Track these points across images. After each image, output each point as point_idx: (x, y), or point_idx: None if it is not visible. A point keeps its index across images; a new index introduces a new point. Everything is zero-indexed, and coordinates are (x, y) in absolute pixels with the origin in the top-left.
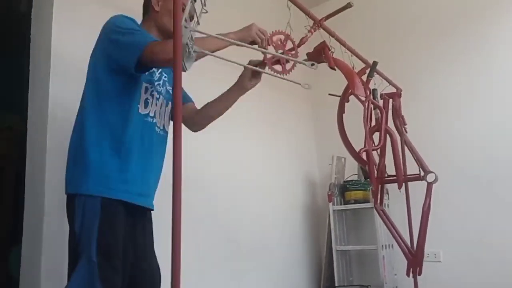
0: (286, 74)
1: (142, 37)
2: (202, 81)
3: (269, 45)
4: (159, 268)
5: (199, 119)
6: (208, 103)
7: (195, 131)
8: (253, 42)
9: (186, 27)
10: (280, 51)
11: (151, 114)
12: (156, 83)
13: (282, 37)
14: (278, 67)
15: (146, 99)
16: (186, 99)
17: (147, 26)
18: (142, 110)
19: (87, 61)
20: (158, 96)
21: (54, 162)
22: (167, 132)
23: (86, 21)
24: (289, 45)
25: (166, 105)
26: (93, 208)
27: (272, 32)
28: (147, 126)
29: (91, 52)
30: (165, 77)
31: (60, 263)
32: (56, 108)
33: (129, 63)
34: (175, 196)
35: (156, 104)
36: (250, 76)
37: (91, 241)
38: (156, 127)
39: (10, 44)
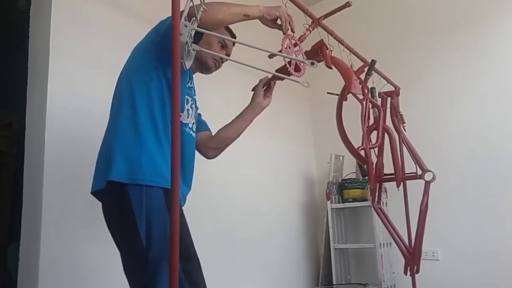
0: (301, 76)
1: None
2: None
3: (291, 32)
4: None
5: (215, 143)
6: (222, 127)
7: (210, 157)
8: (275, 21)
9: (186, 26)
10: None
11: (190, 125)
12: (194, 97)
13: (292, 41)
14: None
15: (188, 110)
16: (204, 126)
17: None
18: (184, 119)
19: (86, 58)
20: (195, 109)
21: (52, 159)
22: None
23: (85, 18)
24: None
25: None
26: (157, 199)
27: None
28: (187, 135)
29: (89, 49)
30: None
31: (58, 260)
32: (54, 105)
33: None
34: (173, 193)
35: (194, 116)
36: (263, 94)
37: (163, 232)
38: (193, 138)
39: (9, 41)
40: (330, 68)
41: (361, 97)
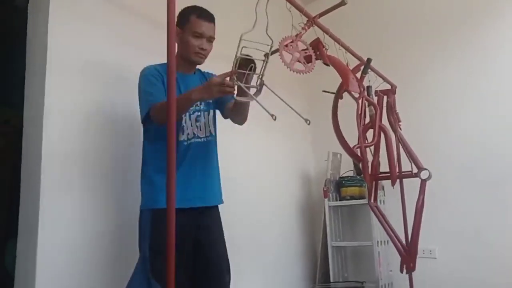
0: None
1: (149, 98)
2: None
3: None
4: (225, 257)
5: (233, 115)
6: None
7: (238, 123)
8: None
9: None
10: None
11: (189, 137)
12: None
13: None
14: (299, 66)
15: (182, 126)
16: (229, 98)
17: (177, 58)
18: (180, 138)
19: (83, 56)
20: (198, 114)
21: (49, 156)
22: (211, 136)
23: (83, 15)
24: (301, 46)
25: (209, 114)
26: (145, 219)
27: (282, 38)
28: (183, 148)
29: (87, 46)
30: None
31: (55, 258)
32: (52, 103)
33: (140, 116)
34: (169, 192)
35: (196, 121)
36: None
37: (145, 243)
38: (195, 141)
39: (7, 38)
40: (328, 65)
41: (357, 95)
